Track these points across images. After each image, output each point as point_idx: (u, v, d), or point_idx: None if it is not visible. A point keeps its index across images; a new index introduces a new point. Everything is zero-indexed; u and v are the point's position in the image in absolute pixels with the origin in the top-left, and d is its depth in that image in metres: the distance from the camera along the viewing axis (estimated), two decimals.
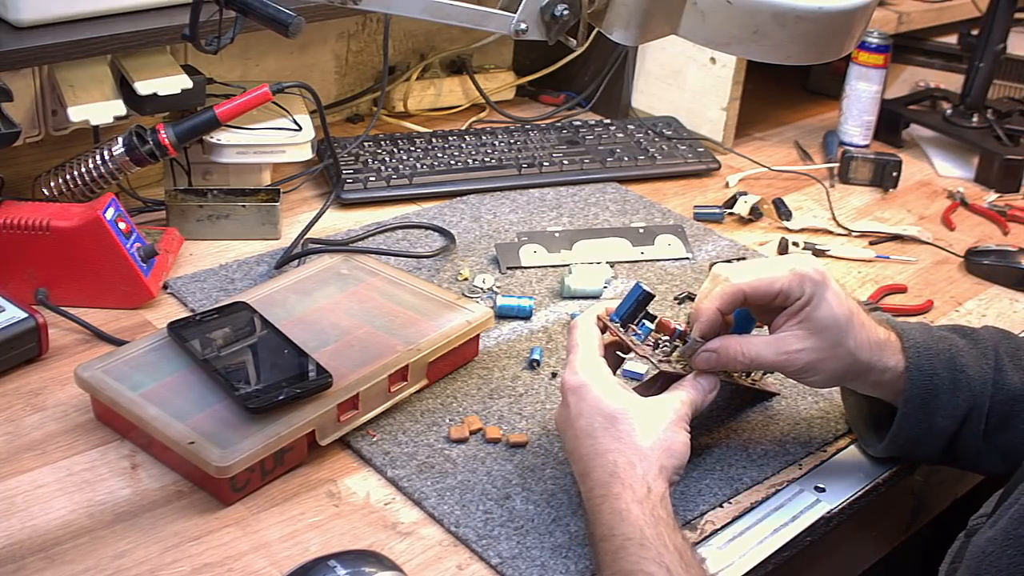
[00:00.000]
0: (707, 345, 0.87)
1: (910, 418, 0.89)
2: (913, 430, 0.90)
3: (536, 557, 0.81)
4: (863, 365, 0.88)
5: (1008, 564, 0.71)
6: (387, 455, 0.90)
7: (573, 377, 0.84)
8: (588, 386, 0.83)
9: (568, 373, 0.85)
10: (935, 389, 0.88)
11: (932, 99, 1.74)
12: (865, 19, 0.88)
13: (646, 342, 0.89)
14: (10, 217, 1.05)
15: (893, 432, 0.91)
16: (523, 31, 0.87)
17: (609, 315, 0.90)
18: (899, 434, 0.91)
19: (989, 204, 1.48)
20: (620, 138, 1.53)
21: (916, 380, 0.88)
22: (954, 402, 0.89)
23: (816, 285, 0.86)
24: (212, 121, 1.19)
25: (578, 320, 0.89)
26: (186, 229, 1.22)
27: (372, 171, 1.37)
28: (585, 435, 0.82)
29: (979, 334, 0.94)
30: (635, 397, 0.84)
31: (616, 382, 0.84)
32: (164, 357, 0.94)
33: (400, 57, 1.64)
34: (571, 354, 0.86)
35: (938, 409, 0.89)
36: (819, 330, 0.86)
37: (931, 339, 0.91)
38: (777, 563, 0.85)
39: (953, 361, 0.89)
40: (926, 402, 0.89)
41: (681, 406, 0.84)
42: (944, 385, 0.89)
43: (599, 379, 0.84)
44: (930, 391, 0.88)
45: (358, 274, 1.09)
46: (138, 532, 0.81)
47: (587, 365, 0.85)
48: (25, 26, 1.13)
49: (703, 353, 0.87)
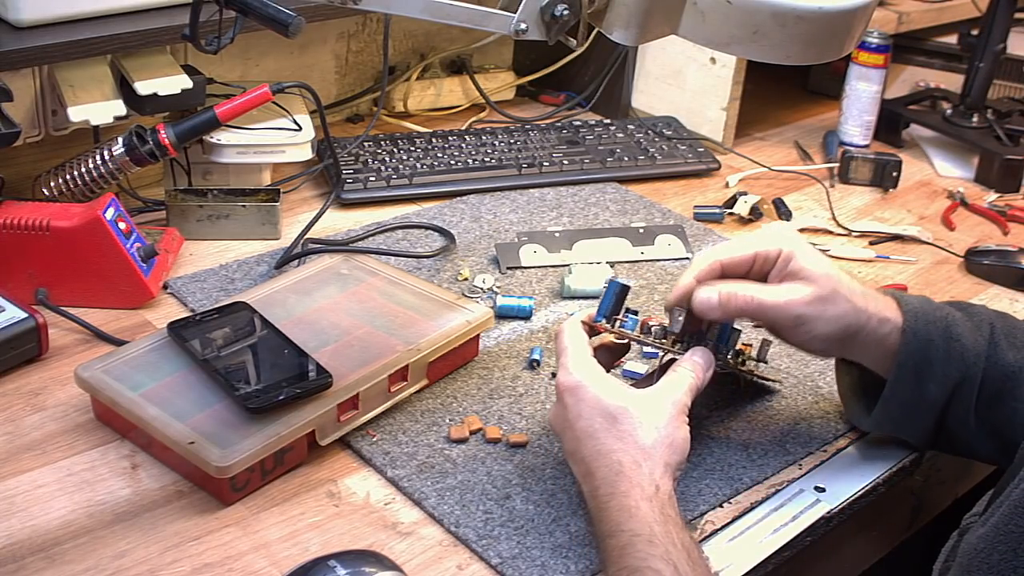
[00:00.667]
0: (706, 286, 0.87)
1: (902, 382, 0.88)
2: (905, 396, 0.89)
3: (536, 557, 0.81)
4: (861, 314, 0.87)
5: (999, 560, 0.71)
6: (387, 455, 0.90)
7: (568, 377, 0.84)
8: (585, 385, 0.83)
9: (562, 374, 0.84)
10: (929, 356, 0.88)
11: (932, 99, 1.74)
12: (865, 19, 0.88)
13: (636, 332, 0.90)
14: (10, 217, 1.05)
15: (885, 396, 0.90)
16: (523, 31, 0.87)
17: (592, 319, 0.90)
18: (891, 399, 0.90)
19: (989, 204, 1.48)
20: (620, 138, 1.53)
21: (911, 344, 0.87)
22: (947, 370, 0.88)
23: (790, 241, 0.88)
24: (212, 121, 1.19)
25: (563, 325, 0.88)
26: (186, 229, 1.22)
27: (372, 171, 1.37)
28: (586, 436, 0.82)
29: (975, 309, 0.94)
30: (633, 393, 0.83)
31: (611, 379, 0.84)
32: (164, 357, 0.94)
33: (400, 57, 1.64)
34: (562, 356, 0.86)
35: (931, 377, 0.88)
36: (810, 278, 0.86)
37: (928, 306, 0.90)
38: (777, 563, 0.85)
39: (949, 330, 0.89)
40: (920, 368, 0.88)
41: (681, 396, 0.84)
42: (938, 352, 0.88)
43: (595, 377, 0.83)
44: (924, 358, 0.88)
45: (358, 274, 1.09)
46: (138, 532, 0.81)
47: (580, 365, 0.84)
48: (25, 26, 1.13)
49: (703, 292, 0.86)
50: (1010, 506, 0.72)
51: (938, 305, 0.92)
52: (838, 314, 0.87)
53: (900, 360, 0.88)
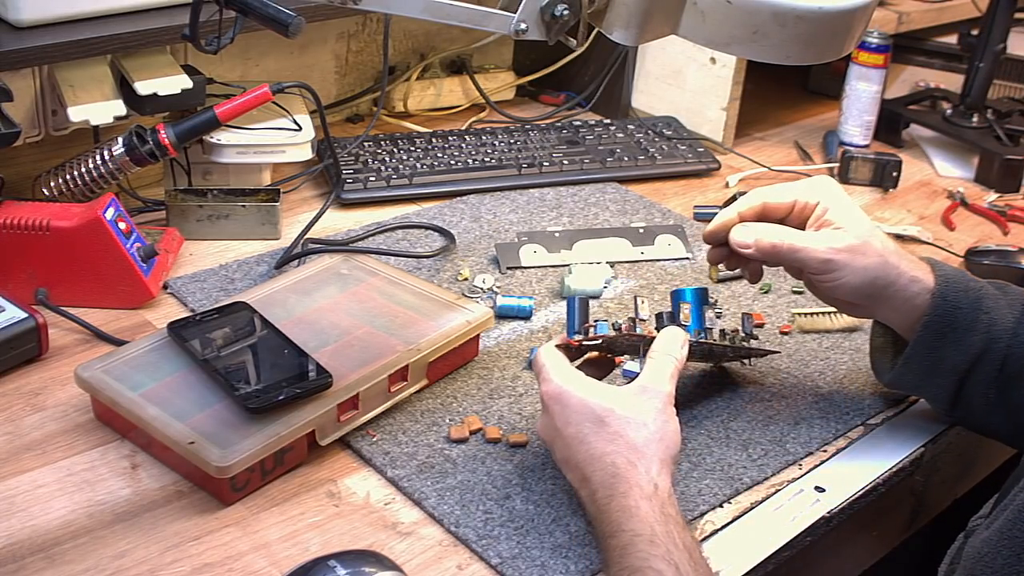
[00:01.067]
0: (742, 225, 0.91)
1: (925, 344, 0.90)
2: (926, 357, 0.91)
3: (536, 557, 0.81)
4: (892, 269, 0.89)
5: (1003, 564, 0.71)
6: (387, 455, 0.90)
7: (550, 386, 0.83)
8: (568, 391, 0.82)
9: (544, 384, 0.84)
10: (955, 321, 0.89)
11: (932, 99, 1.74)
12: (865, 19, 0.88)
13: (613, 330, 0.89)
14: (10, 217, 1.05)
15: (907, 355, 0.91)
16: (523, 31, 0.87)
17: (565, 340, 0.89)
18: (912, 358, 0.91)
19: (989, 204, 1.48)
20: (620, 138, 1.53)
21: (939, 307, 0.89)
22: (970, 339, 0.89)
23: (830, 194, 0.92)
24: (212, 121, 1.19)
25: (538, 351, 0.87)
26: (186, 229, 1.22)
27: (372, 171, 1.37)
28: (577, 441, 0.81)
29: (1013, 288, 0.95)
30: (617, 391, 0.83)
31: (594, 382, 0.84)
32: (164, 357, 0.94)
33: (400, 57, 1.64)
34: (541, 372, 0.85)
35: (955, 342, 0.89)
36: (846, 224, 0.90)
37: (963, 276, 0.92)
38: (777, 563, 0.85)
39: (979, 301, 0.90)
40: (943, 332, 0.89)
41: (664, 386, 0.83)
42: (965, 319, 0.89)
43: (577, 383, 0.83)
44: (950, 322, 0.89)
45: (358, 274, 1.09)
46: (138, 532, 0.81)
47: (561, 373, 0.84)
48: (25, 26, 1.13)
49: (740, 228, 0.91)
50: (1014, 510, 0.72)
51: (973, 278, 0.93)
52: (867, 265, 0.88)
53: (925, 321, 0.89)
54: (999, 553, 0.72)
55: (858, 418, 0.99)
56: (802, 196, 0.92)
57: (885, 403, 1.01)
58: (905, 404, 1.02)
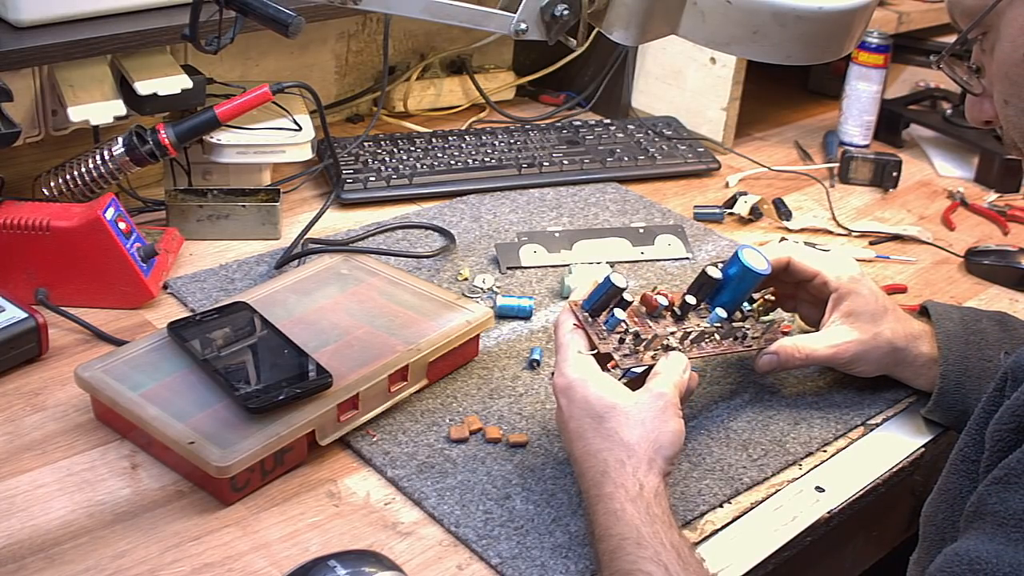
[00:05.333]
0: (767, 349, 0.97)
1: (946, 396, 0.97)
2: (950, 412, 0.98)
3: (536, 557, 0.81)
4: (900, 353, 0.98)
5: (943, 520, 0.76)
6: (387, 455, 0.90)
7: (561, 378, 0.85)
8: (575, 386, 0.83)
9: (556, 375, 0.85)
10: (964, 380, 0.97)
11: (932, 99, 1.74)
12: (865, 19, 0.88)
13: (615, 331, 0.88)
14: (10, 217, 1.05)
15: (929, 409, 0.99)
16: (523, 31, 0.87)
17: (581, 304, 0.89)
18: (935, 411, 0.99)
19: (989, 204, 1.48)
20: (620, 138, 1.53)
21: (948, 372, 0.97)
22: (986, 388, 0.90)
23: (852, 278, 0.99)
24: (212, 121, 1.19)
25: (560, 319, 0.88)
26: (186, 229, 1.22)
27: (372, 171, 1.37)
28: (576, 436, 0.82)
29: (1009, 319, 1.02)
30: (623, 392, 0.83)
31: (604, 377, 0.84)
32: (164, 357, 0.94)
33: (400, 57, 1.64)
34: (558, 354, 0.87)
35: (972, 392, 0.95)
36: (860, 322, 0.97)
37: (965, 331, 0.99)
38: (777, 563, 0.86)
39: (983, 351, 0.97)
40: (960, 385, 0.97)
41: (669, 392, 0.84)
42: (973, 373, 0.96)
43: (586, 377, 0.84)
44: (960, 383, 0.97)
45: (358, 274, 1.09)
46: (138, 532, 0.81)
47: (574, 364, 0.85)
48: (25, 26, 1.13)
49: (764, 356, 0.97)
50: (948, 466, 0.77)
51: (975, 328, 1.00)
52: (878, 357, 0.98)
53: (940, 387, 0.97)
54: (939, 510, 0.76)
55: (858, 418, 0.99)
56: (830, 272, 0.99)
57: (885, 403, 1.01)
58: (905, 404, 1.02)
